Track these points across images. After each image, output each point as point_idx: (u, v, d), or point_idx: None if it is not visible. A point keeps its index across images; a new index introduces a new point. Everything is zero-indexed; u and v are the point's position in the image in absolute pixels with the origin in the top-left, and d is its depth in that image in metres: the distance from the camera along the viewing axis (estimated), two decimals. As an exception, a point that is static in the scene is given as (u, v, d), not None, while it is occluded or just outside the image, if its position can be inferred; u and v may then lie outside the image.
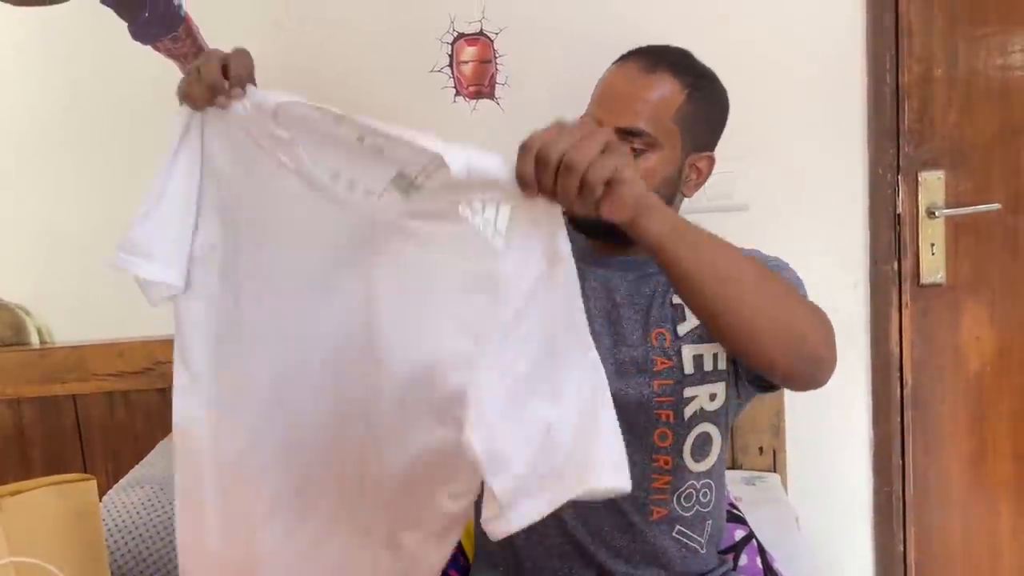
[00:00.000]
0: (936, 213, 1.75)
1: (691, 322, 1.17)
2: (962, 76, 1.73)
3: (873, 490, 1.84)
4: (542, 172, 0.79)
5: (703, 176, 1.21)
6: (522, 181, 0.80)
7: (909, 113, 1.72)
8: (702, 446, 1.19)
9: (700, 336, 1.17)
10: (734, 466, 1.77)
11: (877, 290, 1.77)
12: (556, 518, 1.16)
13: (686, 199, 1.23)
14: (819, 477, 1.80)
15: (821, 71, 1.71)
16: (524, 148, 0.80)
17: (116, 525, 1.45)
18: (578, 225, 1.15)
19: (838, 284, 1.77)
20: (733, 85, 1.70)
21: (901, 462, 1.83)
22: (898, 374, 1.80)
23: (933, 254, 1.77)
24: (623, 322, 1.19)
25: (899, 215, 1.75)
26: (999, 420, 1.85)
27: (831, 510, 1.83)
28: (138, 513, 1.48)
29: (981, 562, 1.88)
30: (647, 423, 1.16)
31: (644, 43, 1.20)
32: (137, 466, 1.66)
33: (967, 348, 1.82)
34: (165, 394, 1.85)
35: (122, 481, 1.59)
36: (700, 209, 1.73)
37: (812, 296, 1.79)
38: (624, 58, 1.19)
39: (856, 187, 1.74)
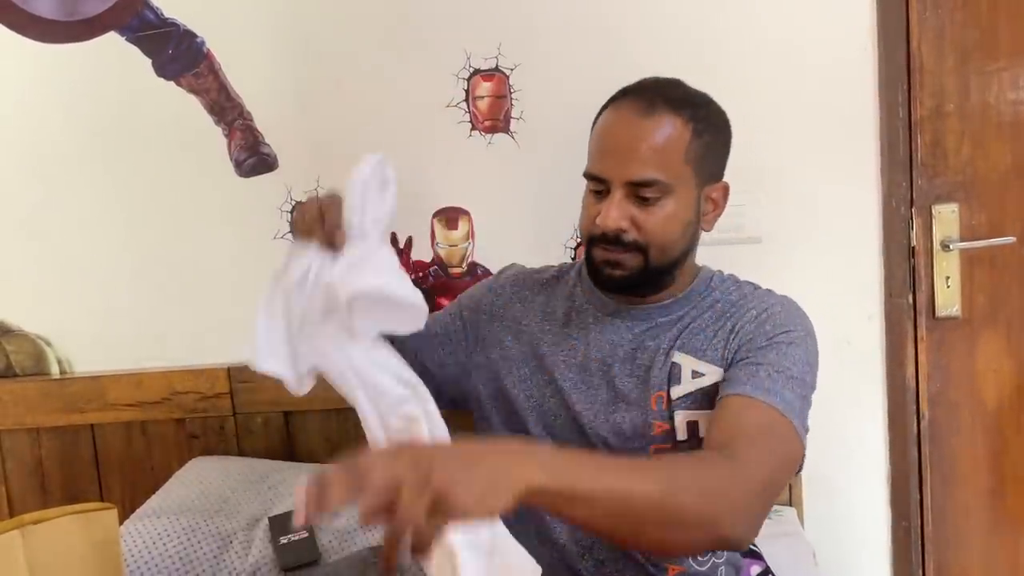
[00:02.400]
0: (950, 246, 1.75)
1: (685, 386, 1.12)
2: (975, 110, 1.74)
3: (891, 524, 1.82)
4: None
5: (720, 207, 1.18)
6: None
7: (922, 147, 1.73)
8: None
9: (694, 402, 1.12)
10: (750, 499, 1.76)
11: (892, 323, 1.77)
12: (574, 572, 1.15)
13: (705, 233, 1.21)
14: (836, 511, 1.78)
15: (834, 105, 1.72)
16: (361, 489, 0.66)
17: (132, 555, 1.46)
18: (596, 282, 1.16)
19: (853, 317, 1.77)
20: (746, 119, 1.72)
21: (919, 496, 1.81)
22: (914, 407, 1.79)
23: (948, 287, 1.77)
24: (623, 379, 1.15)
25: (913, 248, 1.76)
26: (1018, 453, 1.83)
27: (848, 544, 1.81)
28: (154, 543, 1.48)
29: (1002, 599, 1.86)
30: None
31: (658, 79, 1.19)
32: (154, 496, 1.67)
33: (984, 381, 1.81)
34: (182, 424, 1.87)
35: (139, 511, 1.60)
36: (712, 242, 1.74)
37: (827, 329, 1.80)
38: (616, 102, 1.13)
39: (870, 220, 1.75)
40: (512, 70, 1.77)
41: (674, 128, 1.08)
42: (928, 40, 1.71)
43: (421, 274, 1.85)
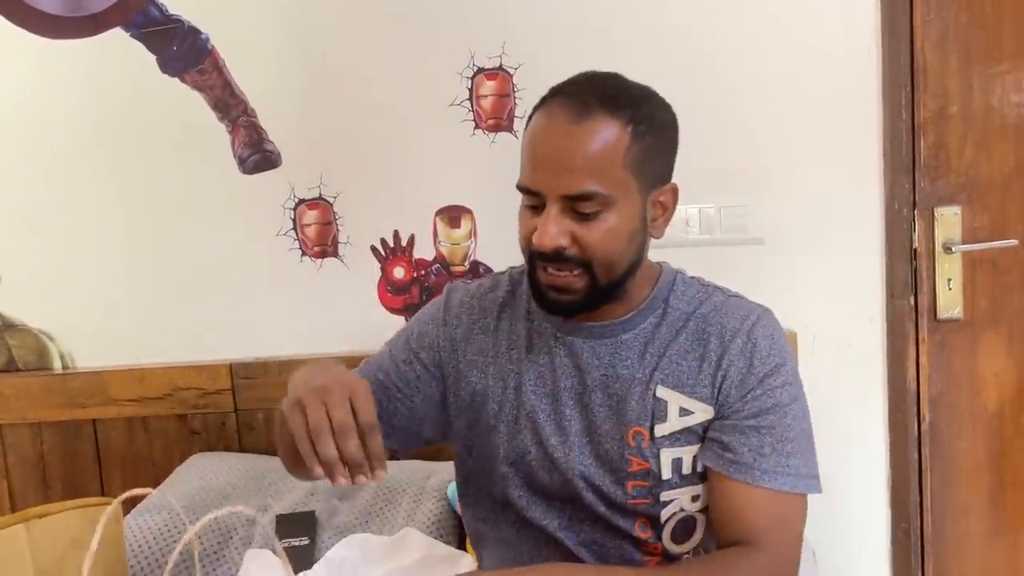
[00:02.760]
0: (952, 248, 1.75)
1: (671, 424, 1.04)
2: (978, 113, 1.74)
3: (891, 526, 1.82)
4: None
5: (669, 211, 1.06)
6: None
7: (925, 149, 1.73)
8: (683, 531, 1.09)
9: (679, 439, 1.04)
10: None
11: (894, 325, 1.77)
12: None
13: (654, 239, 1.08)
14: (836, 512, 1.78)
15: (837, 107, 1.72)
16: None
17: (133, 550, 1.46)
18: (542, 306, 1.05)
19: (854, 318, 1.77)
20: (749, 120, 1.73)
21: (919, 498, 1.81)
22: (915, 409, 1.79)
23: (950, 289, 1.77)
24: (594, 409, 1.06)
25: (915, 250, 1.76)
26: (1018, 456, 1.83)
27: (849, 545, 1.81)
28: (155, 539, 1.49)
29: (1001, 601, 1.86)
30: (623, 519, 1.07)
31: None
32: (155, 491, 1.67)
33: (985, 383, 1.81)
34: (184, 420, 1.88)
35: (140, 506, 1.61)
36: (714, 243, 1.75)
37: (829, 330, 1.80)
38: (546, 104, 1.01)
39: (872, 222, 1.75)
40: (516, 69, 1.77)
41: (611, 132, 0.96)
42: (932, 42, 1.71)
43: (423, 272, 1.85)
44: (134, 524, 1.53)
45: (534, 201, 1.01)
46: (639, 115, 0.98)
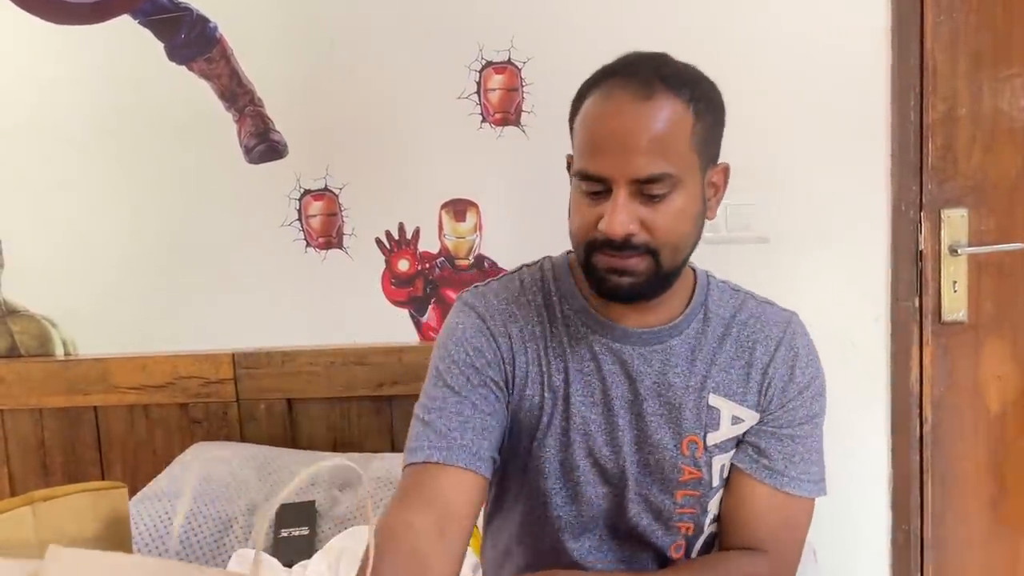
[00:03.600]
0: (958, 251, 1.75)
1: (723, 432, 1.04)
2: (986, 115, 1.74)
3: (891, 527, 1.82)
4: None
5: (721, 191, 1.03)
6: None
7: (933, 151, 1.73)
8: (709, 547, 1.11)
9: (727, 446, 1.05)
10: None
11: (898, 326, 1.77)
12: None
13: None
14: (838, 512, 1.78)
15: (846, 107, 1.72)
16: None
17: (132, 538, 1.46)
18: (600, 292, 0.99)
19: (859, 319, 1.77)
20: (758, 119, 1.73)
21: (920, 500, 1.81)
22: (918, 411, 1.79)
23: (955, 292, 1.77)
24: (647, 418, 1.03)
25: (921, 252, 1.75)
26: (1020, 459, 1.83)
27: (849, 546, 1.81)
28: (155, 526, 1.49)
29: (1000, 605, 1.86)
30: (664, 535, 1.07)
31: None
32: (155, 479, 1.67)
33: (988, 387, 1.81)
34: (186, 409, 1.88)
35: (140, 493, 1.61)
36: (720, 240, 1.74)
37: (833, 331, 1.80)
38: (603, 84, 0.96)
39: (879, 223, 1.75)
40: (524, 63, 1.77)
41: (676, 111, 0.93)
42: (942, 44, 1.71)
43: (427, 265, 1.85)
44: (133, 512, 1.53)
45: (596, 188, 0.95)
46: (698, 93, 0.96)
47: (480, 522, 1.35)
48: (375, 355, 1.83)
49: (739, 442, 1.05)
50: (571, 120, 1.01)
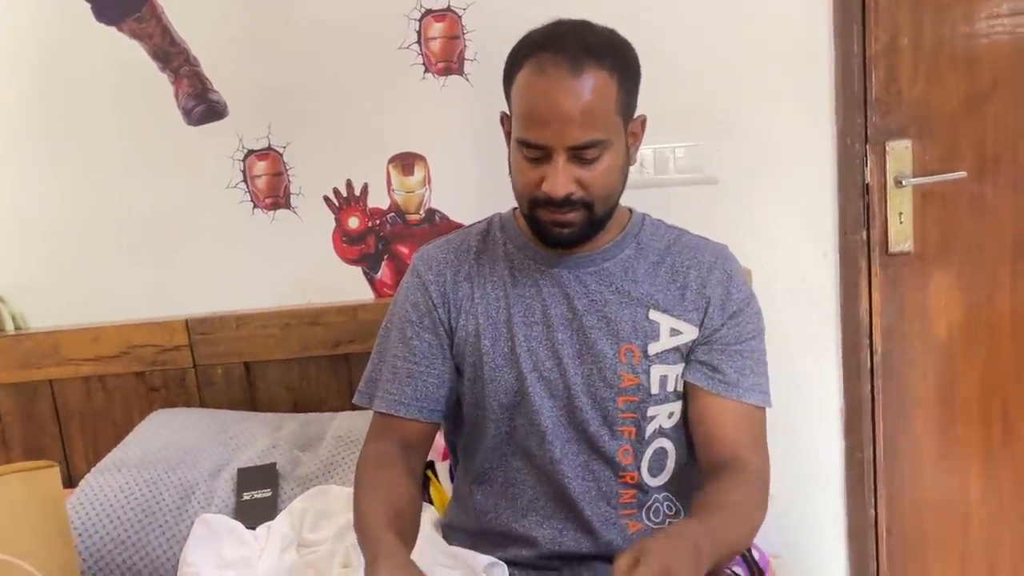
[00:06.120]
0: (904, 182, 1.77)
1: (663, 343, 1.18)
2: (929, 45, 1.74)
3: (844, 456, 1.87)
4: None
5: (639, 138, 1.18)
6: None
7: (876, 83, 1.73)
8: (659, 460, 1.21)
9: (667, 357, 1.18)
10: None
11: (846, 259, 1.79)
12: (529, 542, 1.19)
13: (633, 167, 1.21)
14: (791, 445, 1.82)
15: (788, 43, 1.71)
16: None
17: (94, 508, 1.46)
18: (544, 242, 1.17)
19: (807, 254, 1.79)
20: (702, 60, 1.72)
21: (872, 428, 1.86)
22: (867, 341, 1.82)
23: (901, 223, 1.79)
24: (588, 332, 1.18)
25: (867, 185, 1.77)
26: (968, 385, 1.88)
27: (804, 477, 1.86)
28: (115, 496, 1.49)
29: (951, 526, 1.92)
30: (611, 440, 1.18)
31: (609, 19, 1.16)
32: (115, 449, 1.66)
33: (936, 315, 1.85)
34: (143, 377, 1.86)
35: (100, 464, 1.60)
36: (668, 183, 1.74)
37: (782, 268, 1.82)
38: (535, 58, 1.09)
39: (824, 158, 1.76)
40: (464, 10, 1.73)
41: (603, 83, 1.07)
42: (883, -26, 1.70)
43: (378, 222, 1.83)
44: (94, 483, 1.52)
45: (536, 154, 1.10)
46: (619, 63, 1.10)
47: (444, 474, 1.46)
48: (330, 314, 1.82)
49: (690, 362, 1.19)
50: (505, 84, 1.15)
